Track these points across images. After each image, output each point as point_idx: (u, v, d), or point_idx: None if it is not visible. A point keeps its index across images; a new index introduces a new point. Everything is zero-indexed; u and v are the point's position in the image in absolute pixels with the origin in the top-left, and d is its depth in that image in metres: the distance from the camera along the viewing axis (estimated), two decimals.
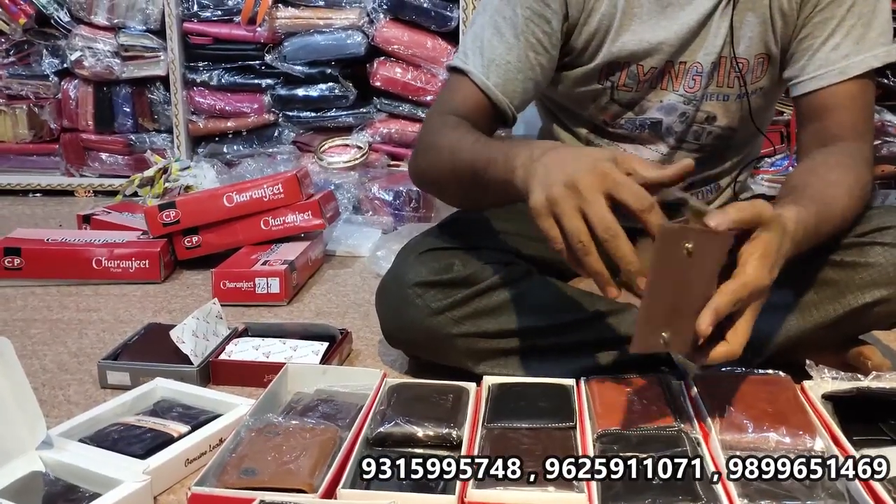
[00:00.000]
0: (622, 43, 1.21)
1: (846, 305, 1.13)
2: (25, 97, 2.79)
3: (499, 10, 1.19)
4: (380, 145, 2.59)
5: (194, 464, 1.01)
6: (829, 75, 1.17)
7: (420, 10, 2.49)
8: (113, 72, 2.69)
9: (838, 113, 1.17)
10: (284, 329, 1.40)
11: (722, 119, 1.28)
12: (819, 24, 1.18)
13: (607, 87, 1.25)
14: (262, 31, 2.57)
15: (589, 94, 1.27)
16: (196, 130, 2.73)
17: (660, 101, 1.26)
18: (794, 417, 0.98)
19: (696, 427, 0.99)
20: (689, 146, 1.31)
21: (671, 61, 1.22)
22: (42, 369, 1.36)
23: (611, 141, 1.33)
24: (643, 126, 1.29)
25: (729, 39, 1.19)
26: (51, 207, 2.65)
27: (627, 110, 1.28)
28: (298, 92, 2.60)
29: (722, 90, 1.25)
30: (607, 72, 1.24)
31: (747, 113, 1.27)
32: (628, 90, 1.25)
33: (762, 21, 1.20)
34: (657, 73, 1.23)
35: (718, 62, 1.22)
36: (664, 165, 0.93)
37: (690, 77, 1.24)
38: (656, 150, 1.31)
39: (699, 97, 1.25)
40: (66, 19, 2.71)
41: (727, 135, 1.31)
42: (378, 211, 2.29)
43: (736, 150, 1.37)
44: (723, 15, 1.19)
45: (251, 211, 1.90)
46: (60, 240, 1.89)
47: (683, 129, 1.28)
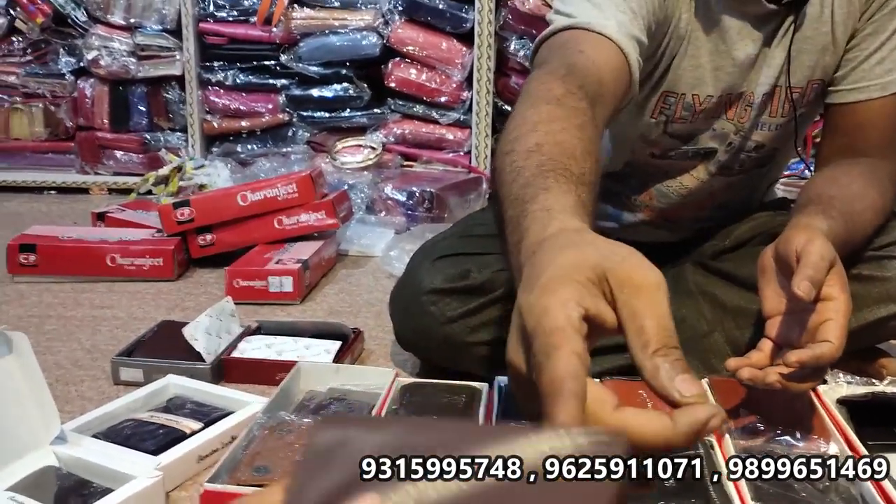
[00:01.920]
0: (682, 69, 1.12)
1: (861, 319, 1.11)
2: (42, 95, 2.81)
3: None
4: (393, 146, 2.59)
5: (206, 460, 1.01)
6: (871, 89, 1.13)
7: (435, 11, 2.49)
8: (129, 71, 2.71)
9: (869, 130, 1.14)
10: (297, 327, 1.40)
11: (771, 145, 1.24)
12: (868, 36, 1.12)
13: (661, 120, 1.18)
14: (278, 32, 2.58)
15: (641, 127, 1.19)
16: (210, 130, 2.74)
17: (712, 129, 1.20)
18: (809, 422, 0.97)
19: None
20: (729, 172, 1.26)
21: (730, 92, 1.16)
22: (56, 365, 1.36)
23: (644, 167, 1.26)
24: (697, 155, 1.22)
25: (785, 69, 1.13)
26: (66, 205, 2.66)
27: (681, 143, 1.21)
28: (313, 92, 2.61)
29: (775, 120, 1.19)
30: (663, 104, 1.16)
31: (793, 137, 1.23)
32: (683, 122, 1.18)
33: (820, 49, 1.14)
34: (713, 104, 1.16)
35: (772, 92, 1.16)
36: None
37: (743, 107, 1.18)
38: (696, 178, 1.25)
39: (748, 127, 1.20)
40: (83, 18, 2.73)
41: (769, 155, 1.26)
42: (391, 211, 2.30)
43: (773, 170, 1.34)
44: (779, 44, 1.13)
45: (265, 210, 1.91)
46: (75, 237, 1.90)
47: (729, 158, 1.23)
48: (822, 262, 0.87)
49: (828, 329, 0.86)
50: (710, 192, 1.27)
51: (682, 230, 1.34)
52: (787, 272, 0.90)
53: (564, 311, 0.47)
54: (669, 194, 1.27)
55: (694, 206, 1.29)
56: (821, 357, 0.85)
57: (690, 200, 1.28)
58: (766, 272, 0.94)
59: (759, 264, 0.96)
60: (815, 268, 0.86)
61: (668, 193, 1.27)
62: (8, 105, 2.83)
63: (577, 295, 0.48)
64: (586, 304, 0.48)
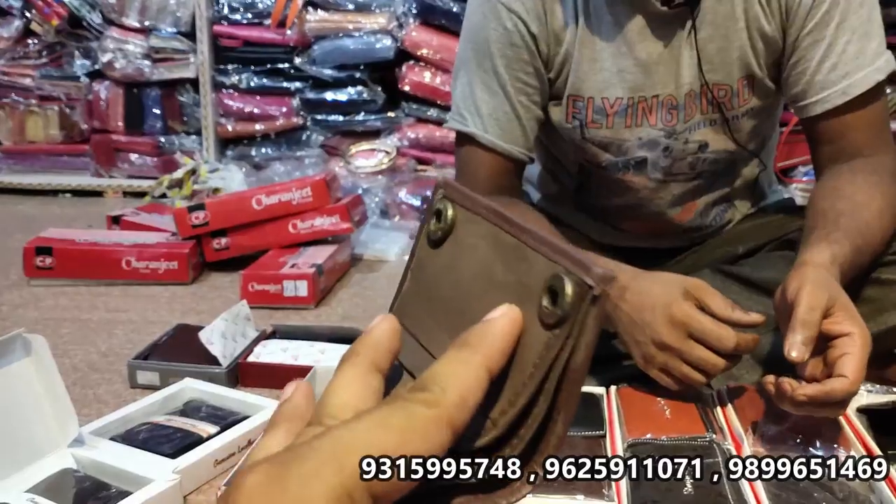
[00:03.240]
0: (583, 73, 1.15)
1: (881, 324, 1.10)
2: (57, 98, 2.82)
3: (479, 65, 1.17)
4: (407, 150, 2.59)
5: (223, 464, 1.01)
6: (833, 97, 1.10)
7: (449, 14, 2.49)
8: (143, 74, 2.72)
9: (850, 133, 1.12)
10: (313, 331, 1.40)
11: (715, 144, 1.22)
12: (809, 48, 1.10)
13: (576, 125, 1.20)
14: (292, 35, 2.58)
15: (564, 133, 1.23)
16: (225, 133, 2.74)
17: (638, 137, 1.19)
18: (828, 430, 0.97)
19: (727, 438, 0.98)
20: (684, 176, 1.25)
21: (642, 94, 1.16)
22: (72, 368, 1.37)
23: (598, 181, 1.27)
24: (627, 167, 1.23)
25: (699, 68, 1.13)
26: (80, 208, 2.67)
27: (605, 152, 1.21)
28: (327, 95, 2.61)
29: (708, 116, 1.18)
30: (573, 108, 1.19)
31: (740, 136, 1.21)
32: (598, 126, 1.19)
33: (740, 46, 1.13)
34: (625, 107, 1.17)
35: (700, 91, 1.16)
36: (734, 305, 0.99)
37: (667, 110, 1.17)
38: (643, 187, 1.25)
39: (680, 130, 1.19)
40: (97, 21, 2.74)
41: (727, 157, 1.25)
42: (405, 215, 2.30)
43: (742, 167, 1.31)
44: (687, 45, 1.13)
45: (280, 214, 1.91)
46: (91, 240, 1.90)
47: (669, 162, 1.22)
48: (811, 315, 0.87)
49: (844, 364, 0.87)
50: (678, 199, 1.26)
51: (680, 238, 1.34)
52: (790, 316, 0.90)
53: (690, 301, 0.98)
54: (635, 206, 1.27)
55: (673, 217, 1.28)
56: (831, 392, 0.86)
57: (661, 210, 1.27)
58: (783, 315, 0.94)
59: (775, 306, 0.97)
60: (804, 325, 0.87)
61: (633, 206, 1.27)
62: (23, 108, 2.85)
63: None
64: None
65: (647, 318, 1.00)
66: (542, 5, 1.14)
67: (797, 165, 2.38)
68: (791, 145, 2.32)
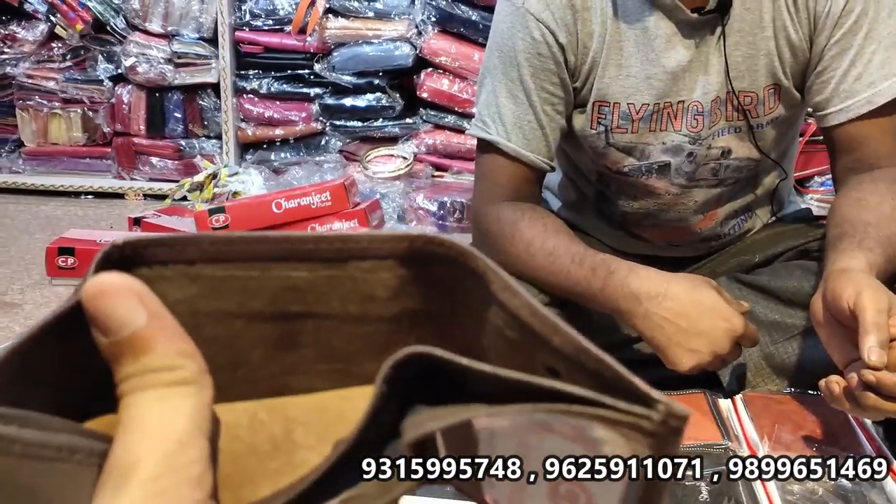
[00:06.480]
0: (609, 79, 1.16)
1: None
2: (80, 101, 2.86)
3: (505, 73, 1.18)
4: (424, 156, 2.61)
5: None
6: (857, 106, 1.10)
7: (468, 22, 2.51)
8: (165, 78, 2.75)
9: (872, 143, 1.12)
10: None
11: (739, 151, 1.22)
12: (836, 57, 1.10)
13: (601, 130, 1.20)
14: (312, 41, 2.61)
15: (586, 142, 1.23)
16: (245, 137, 2.77)
17: (662, 143, 1.20)
18: (844, 439, 0.97)
19: (743, 445, 0.99)
20: (706, 183, 1.25)
21: (668, 100, 1.17)
22: None
23: (619, 188, 1.28)
24: (650, 171, 1.23)
25: (727, 75, 1.14)
26: (102, 209, 2.70)
27: (628, 156, 1.21)
28: (346, 101, 2.63)
29: (733, 123, 1.19)
30: (598, 114, 1.19)
31: (764, 145, 1.22)
32: (623, 131, 1.19)
33: (766, 53, 1.13)
34: (650, 113, 1.17)
35: (725, 98, 1.16)
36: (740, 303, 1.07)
37: (692, 116, 1.17)
38: (666, 192, 1.25)
39: (705, 136, 1.19)
40: (121, 26, 2.77)
41: (750, 165, 1.25)
42: (422, 221, 2.31)
43: (764, 176, 1.31)
44: (716, 51, 1.13)
45: (298, 218, 1.93)
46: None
47: (693, 168, 1.22)
48: (880, 318, 0.85)
49: None
50: (701, 206, 1.27)
51: (698, 247, 1.34)
52: (845, 323, 0.89)
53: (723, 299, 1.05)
54: (656, 213, 1.27)
55: (694, 225, 1.29)
56: None
57: (682, 217, 1.27)
58: (823, 325, 0.93)
59: (813, 316, 0.95)
60: (877, 328, 0.84)
61: (654, 213, 1.27)
62: (47, 110, 2.88)
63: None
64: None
65: (700, 331, 1.03)
66: (571, 14, 1.14)
67: (813, 176, 2.38)
68: (807, 155, 2.32)
